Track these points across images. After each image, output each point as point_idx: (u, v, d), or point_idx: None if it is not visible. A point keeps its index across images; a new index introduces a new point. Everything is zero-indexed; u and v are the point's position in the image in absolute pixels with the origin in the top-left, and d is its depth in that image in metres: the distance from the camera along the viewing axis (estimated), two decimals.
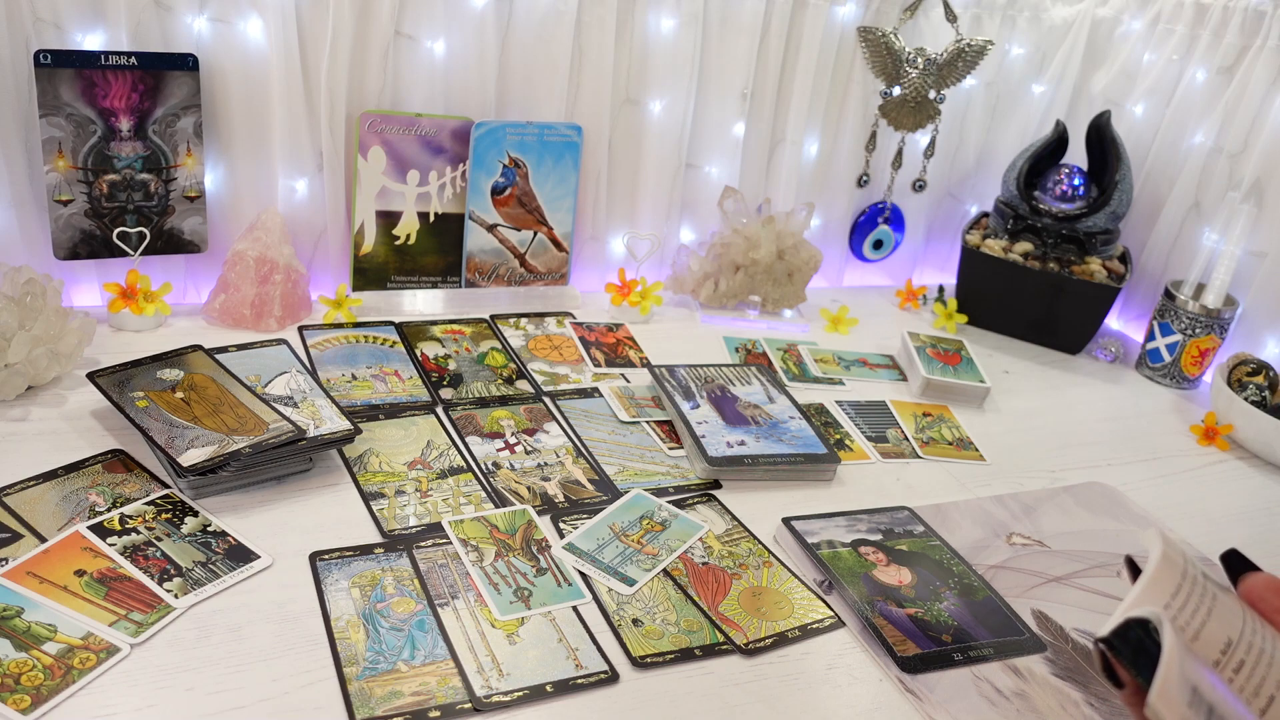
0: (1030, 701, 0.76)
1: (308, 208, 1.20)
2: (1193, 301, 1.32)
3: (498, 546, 0.85)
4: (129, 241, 1.12)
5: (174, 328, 1.13)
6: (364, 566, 0.80)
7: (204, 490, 0.86)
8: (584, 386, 1.13)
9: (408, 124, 1.20)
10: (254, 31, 1.10)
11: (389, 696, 0.69)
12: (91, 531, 0.79)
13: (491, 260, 1.31)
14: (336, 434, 0.91)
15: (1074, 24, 1.50)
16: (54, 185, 1.07)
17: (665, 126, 1.33)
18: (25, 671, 0.66)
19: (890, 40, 1.40)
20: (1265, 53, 1.30)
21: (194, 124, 1.11)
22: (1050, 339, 1.43)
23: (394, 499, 0.89)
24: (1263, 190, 1.32)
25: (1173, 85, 1.43)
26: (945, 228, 1.62)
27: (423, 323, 1.21)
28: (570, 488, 0.95)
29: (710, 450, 1.00)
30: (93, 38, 1.05)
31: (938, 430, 1.16)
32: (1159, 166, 1.45)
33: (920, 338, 1.31)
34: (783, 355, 1.28)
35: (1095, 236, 1.37)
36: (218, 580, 0.77)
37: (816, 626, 0.82)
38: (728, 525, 0.93)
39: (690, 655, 0.77)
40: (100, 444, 0.91)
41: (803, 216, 1.37)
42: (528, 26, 1.22)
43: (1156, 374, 1.37)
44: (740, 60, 1.33)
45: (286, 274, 1.15)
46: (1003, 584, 0.89)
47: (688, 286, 1.38)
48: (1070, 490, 1.06)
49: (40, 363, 0.96)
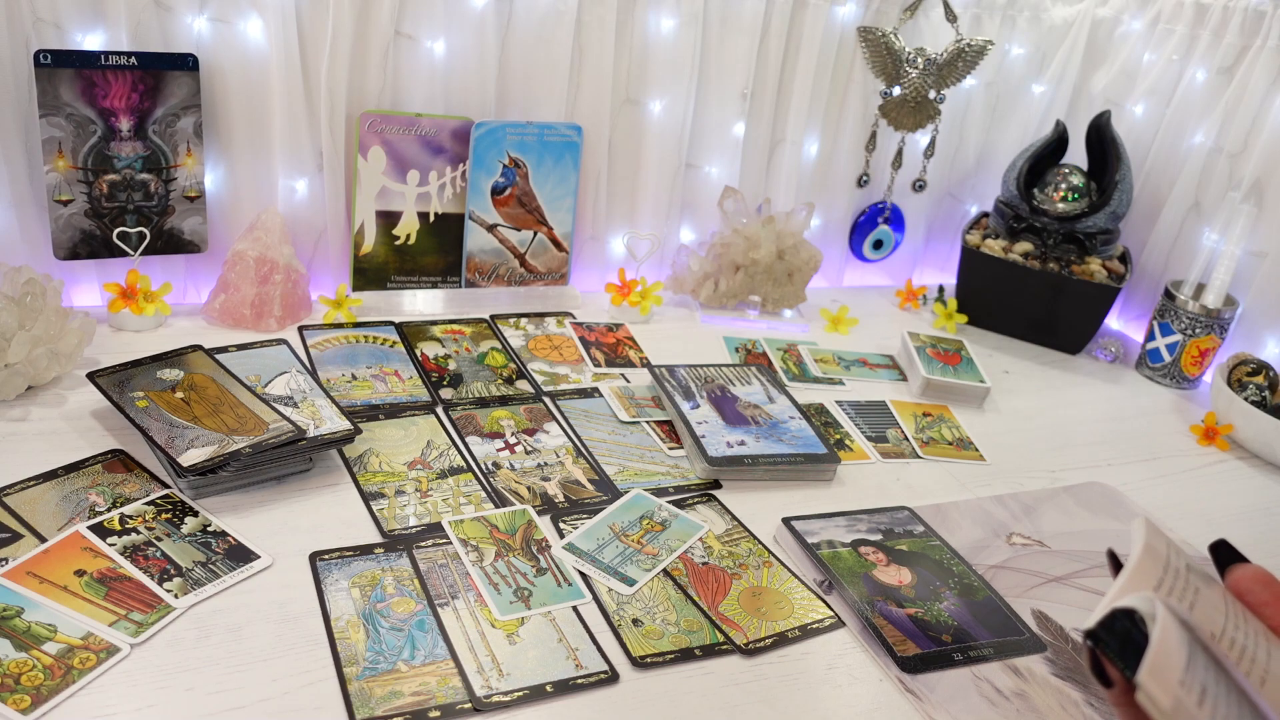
0: (1030, 701, 0.76)
1: (308, 208, 1.20)
2: (1193, 301, 1.32)
3: (498, 546, 0.85)
4: (129, 241, 1.12)
5: (174, 328, 1.13)
6: (364, 566, 0.80)
7: (204, 490, 0.86)
8: (584, 386, 1.13)
9: (408, 124, 1.20)
10: (254, 31, 1.10)
11: (389, 696, 0.69)
12: (91, 531, 0.79)
13: (491, 260, 1.31)
14: (336, 434, 0.91)
15: (1074, 24, 1.50)
16: (54, 185, 1.07)
17: (665, 126, 1.33)
18: (25, 671, 0.66)
19: (890, 40, 1.40)
20: (1265, 53, 1.30)
21: (194, 124, 1.11)
22: (1050, 339, 1.43)
23: (394, 499, 0.89)
24: (1263, 190, 1.32)
25: (1173, 85, 1.43)
26: (945, 228, 1.62)
27: (423, 323, 1.21)
28: (570, 488, 0.95)
29: (710, 450, 1.00)
30: (93, 38, 1.05)
31: (938, 430, 1.16)
32: (1159, 166, 1.45)
33: (920, 338, 1.31)
34: (783, 355, 1.28)
35: (1095, 236, 1.37)
36: (218, 580, 0.77)
37: (816, 626, 0.82)
38: (728, 525, 0.93)
39: (690, 655, 0.77)
40: (100, 444, 0.91)
41: (803, 216, 1.37)
42: (528, 26, 1.22)
43: (1156, 374, 1.37)
44: (740, 60, 1.33)
45: (286, 274, 1.15)
46: (1003, 584, 0.89)
47: (688, 286, 1.38)
48: (1070, 490, 1.06)
49: (40, 363, 0.96)
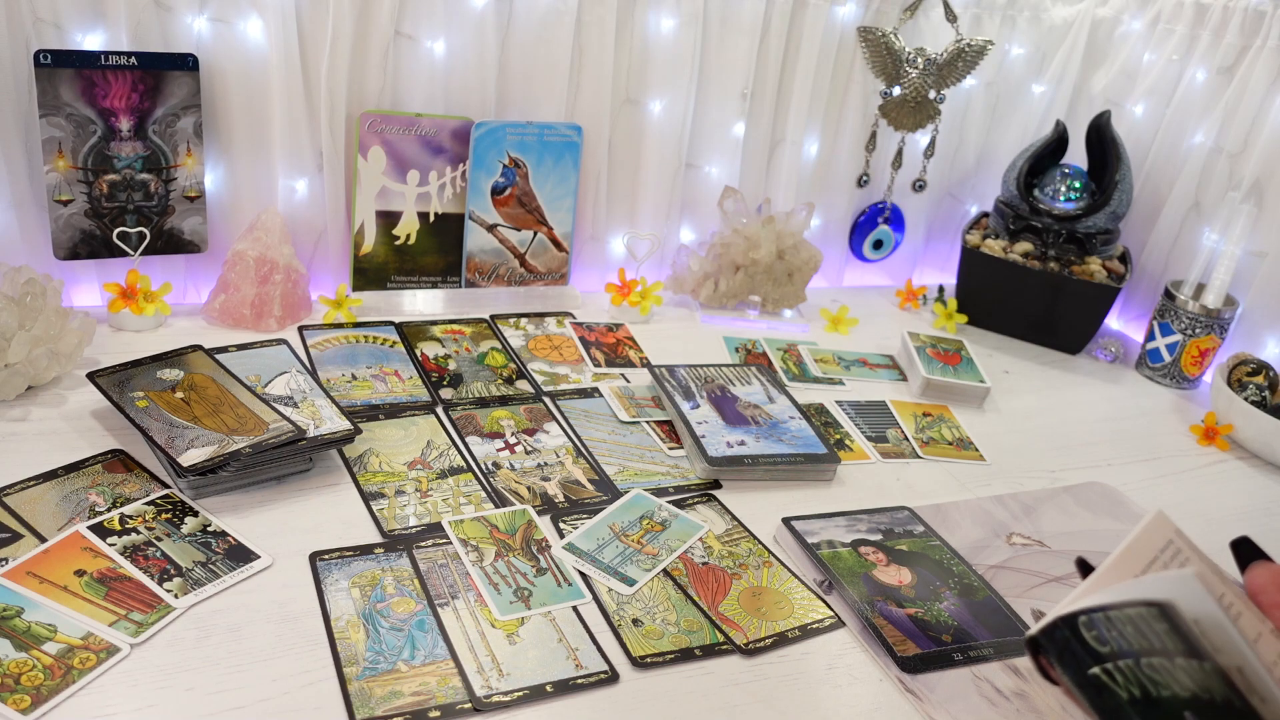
0: (1030, 701, 0.76)
1: (308, 208, 1.20)
2: (1193, 301, 1.32)
3: (498, 546, 0.85)
4: (129, 241, 1.12)
5: (174, 328, 1.13)
6: (364, 566, 0.80)
7: (204, 490, 0.86)
8: (584, 386, 1.13)
9: (408, 124, 1.20)
10: (254, 31, 1.10)
11: (389, 696, 0.69)
12: (91, 531, 0.79)
13: (491, 260, 1.31)
14: (336, 434, 0.91)
15: (1074, 24, 1.50)
16: (54, 185, 1.07)
17: (665, 126, 1.33)
18: (25, 671, 0.66)
19: (890, 40, 1.40)
20: (1265, 53, 1.30)
21: (194, 124, 1.11)
22: (1050, 339, 1.43)
23: (394, 499, 0.89)
24: (1263, 190, 1.32)
25: (1173, 85, 1.43)
26: (945, 228, 1.62)
27: (423, 323, 1.21)
28: (570, 488, 0.95)
29: (710, 450, 1.00)
30: (93, 38, 1.05)
31: (938, 430, 1.16)
32: (1159, 166, 1.45)
33: (920, 338, 1.31)
34: (783, 355, 1.28)
35: (1095, 236, 1.37)
36: (218, 580, 0.77)
37: (816, 626, 0.82)
38: (728, 525, 0.93)
39: (690, 655, 0.77)
40: (100, 444, 0.91)
41: (803, 216, 1.37)
42: (528, 26, 1.22)
43: (1156, 374, 1.37)
44: (740, 60, 1.33)
45: (286, 274, 1.15)
46: (1003, 584, 0.89)
47: (688, 286, 1.38)
48: (1070, 490, 1.06)
49: (40, 363, 0.96)
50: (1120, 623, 0.56)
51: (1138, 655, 0.54)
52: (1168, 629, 0.54)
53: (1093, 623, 0.57)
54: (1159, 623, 0.55)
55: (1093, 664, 0.56)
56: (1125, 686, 0.54)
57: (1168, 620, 0.54)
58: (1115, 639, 0.55)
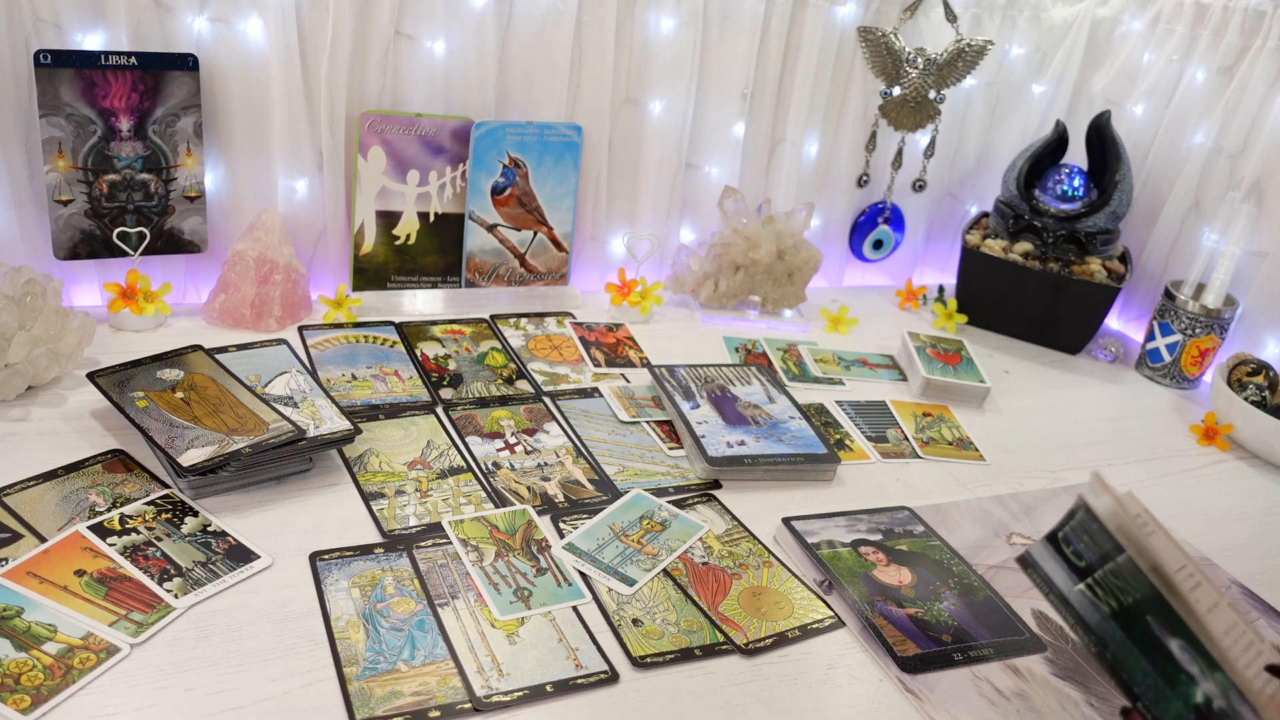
0: (1030, 701, 0.76)
1: (308, 208, 1.20)
2: (1193, 301, 1.32)
3: (498, 546, 0.85)
4: (129, 241, 1.12)
5: (174, 328, 1.13)
6: (364, 566, 0.80)
7: (204, 490, 0.86)
8: (584, 386, 1.13)
9: (408, 124, 1.20)
10: (254, 31, 1.10)
11: (389, 696, 0.69)
12: (91, 531, 0.79)
13: (491, 260, 1.31)
14: (336, 434, 0.91)
15: (1074, 24, 1.50)
16: (54, 185, 1.07)
17: (665, 126, 1.33)
18: (25, 671, 0.66)
19: (890, 40, 1.40)
20: (1265, 53, 1.30)
21: (194, 124, 1.11)
22: (1050, 339, 1.43)
23: (394, 499, 0.89)
24: (1263, 190, 1.32)
25: (1173, 85, 1.43)
26: (945, 228, 1.62)
27: (423, 323, 1.21)
28: (570, 488, 0.95)
29: (710, 450, 1.00)
30: (93, 38, 1.05)
31: (938, 430, 1.16)
32: (1159, 166, 1.45)
33: (920, 338, 1.31)
34: (783, 355, 1.28)
35: (1095, 236, 1.37)
36: (218, 580, 0.77)
37: (816, 626, 0.82)
38: (728, 525, 0.93)
39: (690, 655, 0.77)
40: (100, 444, 0.91)
41: (803, 216, 1.37)
42: (528, 26, 1.22)
43: (1156, 374, 1.37)
44: (740, 60, 1.33)
45: (286, 274, 1.15)
46: (1003, 584, 0.89)
47: (688, 286, 1.38)
48: (1070, 490, 1.06)
49: (40, 363, 0.96)
50: (1077, 533, 0.67)
51: (1101, 563, 0.66)
52: (1099, 529, 0.65)
53: (1069, 538, 0.68)
54: (1093, 523, 0.66)
55: (1078, 580, 0.67)
56: (1105, 600, 0.66)
57: (1097, 520, 0.65)
58: (1085, 550, 0.67)
